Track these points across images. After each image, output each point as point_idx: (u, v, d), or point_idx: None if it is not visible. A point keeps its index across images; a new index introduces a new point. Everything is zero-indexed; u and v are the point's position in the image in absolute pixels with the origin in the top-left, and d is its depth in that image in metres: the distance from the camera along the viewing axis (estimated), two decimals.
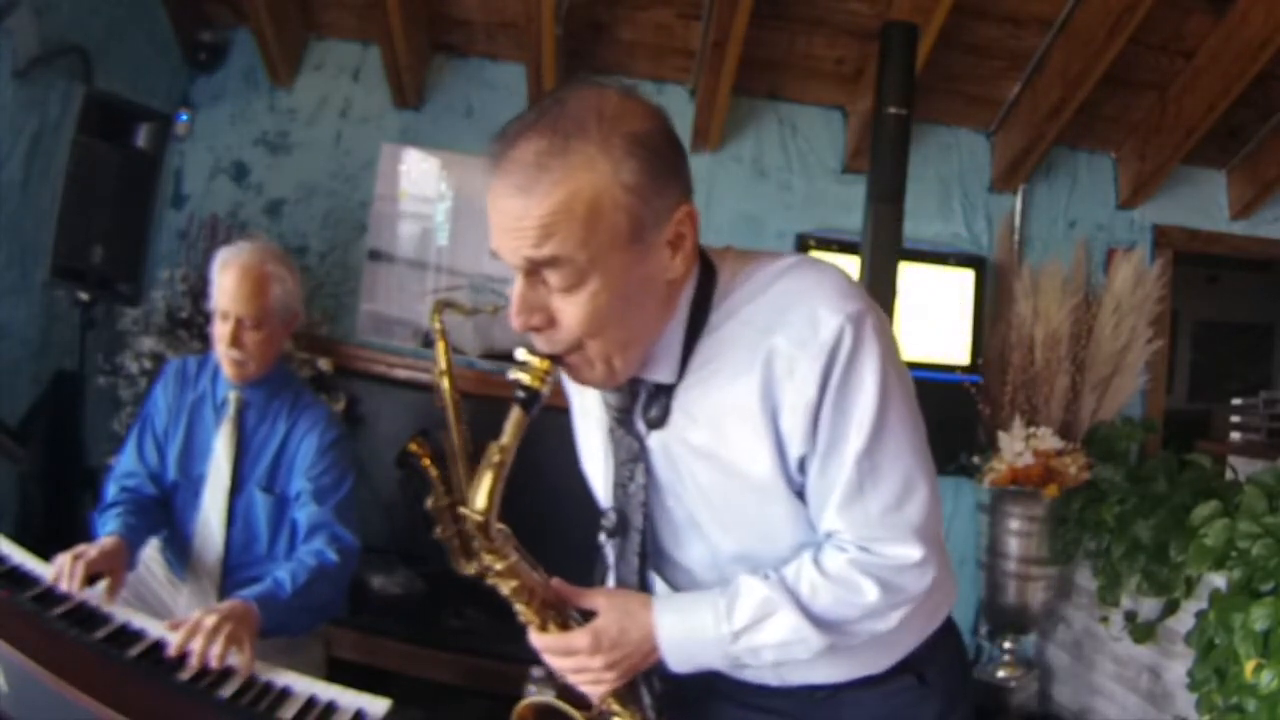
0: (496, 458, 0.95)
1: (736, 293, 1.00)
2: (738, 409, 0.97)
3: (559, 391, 1.07)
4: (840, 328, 0.92)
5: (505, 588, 1.04)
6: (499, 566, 1.01)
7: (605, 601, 1.06)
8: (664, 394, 1.01)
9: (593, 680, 1.05)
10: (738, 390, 0.96)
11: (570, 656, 1.04)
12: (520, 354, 0.95)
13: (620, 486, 1.08)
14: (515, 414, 0.95)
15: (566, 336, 0.94)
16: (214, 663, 1.40)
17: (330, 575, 1.79)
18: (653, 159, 0.91)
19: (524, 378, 0.94)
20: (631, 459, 1.06)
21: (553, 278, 0.91)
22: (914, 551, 0.98)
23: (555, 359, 0.95)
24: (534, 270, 0.91)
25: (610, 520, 1.11)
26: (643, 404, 1.04)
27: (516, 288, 0.93)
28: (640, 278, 0.94)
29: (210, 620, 1.44)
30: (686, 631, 1.03)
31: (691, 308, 1.00)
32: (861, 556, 0.98)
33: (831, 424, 0.94)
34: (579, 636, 1.03)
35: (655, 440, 1.04)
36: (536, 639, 1.06)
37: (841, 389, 0.93)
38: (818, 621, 1.00)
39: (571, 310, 0.92)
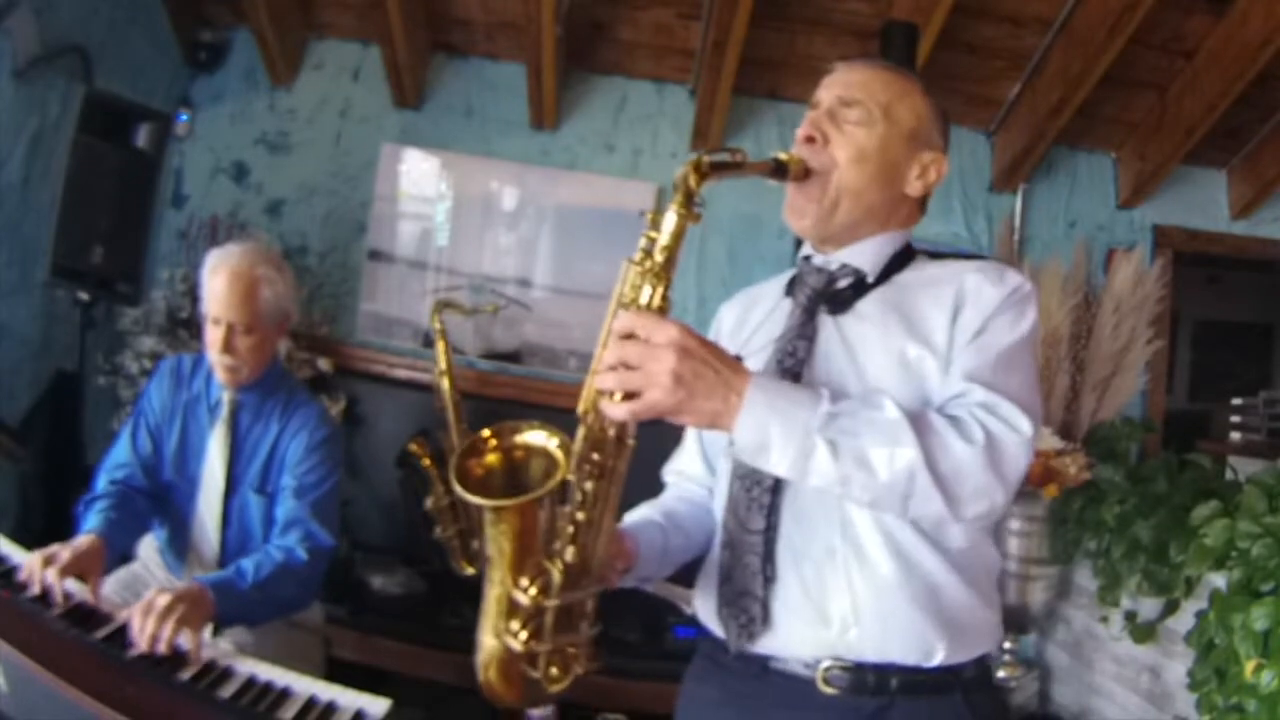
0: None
1: (934, 258, 1.27)
2: (925, 305, 1.16)
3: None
4: (1022, 282, 1.18)
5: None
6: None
7: None
8: (855, 289, 1.21)
9: (644, 377, 0.94)
10: (929, 297, 1.17)
11: (642, 343, 0.95)
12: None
13: (778, 361, 1.19)
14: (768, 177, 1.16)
15: (828, 157, 1.18)
16: (161, 646, 1.39)
17: (296, 573, 1.76)
18: (943, 114, 1.27)
19: (781, 155, 1.16)
20: (800, 335, 1.19)
21: (851, 114, 1.19)
22: (1025, 424, 1.05)
23: (802, 173, 1.17)
24: (837, 108, 1.20)
25: None
26: (836, 290, 1.21)
27: (814, 115, 1.21)
28: (897, 162, 1.21)
29: (162, 600, 1.42)
30: (780, 391, 1.01)
31: (902, 242, 1.25)
32: (981, 410, 1.06)
33: (994, 326, 1.13)
34: (668, 324, 0.96)
35: (829, 325, 1.19)
36: (623, 311, 0.99)
37: (1010, 310, 1.15)
38: (918, 428, 1.00)
39: (845, 139, 1.19)
